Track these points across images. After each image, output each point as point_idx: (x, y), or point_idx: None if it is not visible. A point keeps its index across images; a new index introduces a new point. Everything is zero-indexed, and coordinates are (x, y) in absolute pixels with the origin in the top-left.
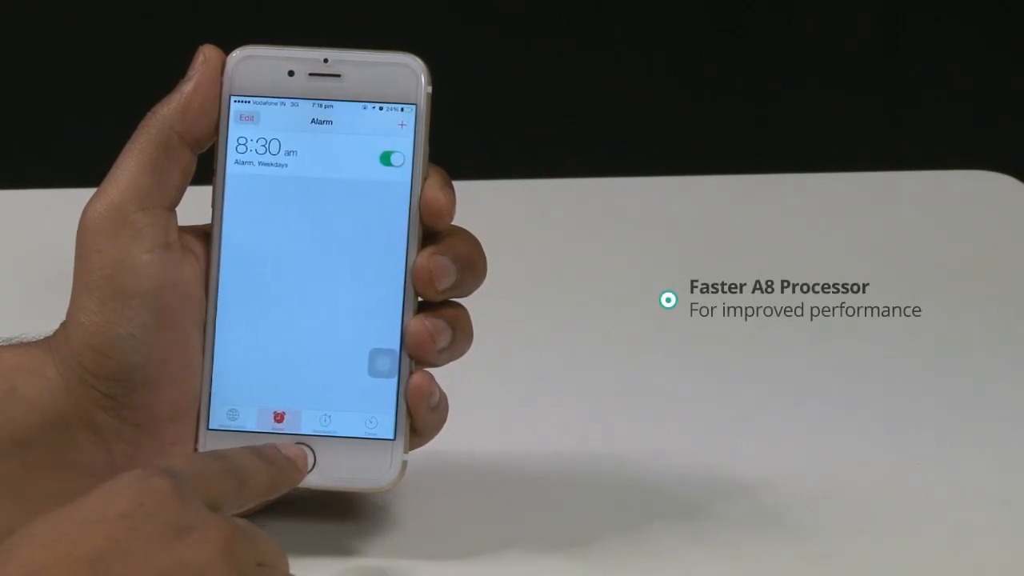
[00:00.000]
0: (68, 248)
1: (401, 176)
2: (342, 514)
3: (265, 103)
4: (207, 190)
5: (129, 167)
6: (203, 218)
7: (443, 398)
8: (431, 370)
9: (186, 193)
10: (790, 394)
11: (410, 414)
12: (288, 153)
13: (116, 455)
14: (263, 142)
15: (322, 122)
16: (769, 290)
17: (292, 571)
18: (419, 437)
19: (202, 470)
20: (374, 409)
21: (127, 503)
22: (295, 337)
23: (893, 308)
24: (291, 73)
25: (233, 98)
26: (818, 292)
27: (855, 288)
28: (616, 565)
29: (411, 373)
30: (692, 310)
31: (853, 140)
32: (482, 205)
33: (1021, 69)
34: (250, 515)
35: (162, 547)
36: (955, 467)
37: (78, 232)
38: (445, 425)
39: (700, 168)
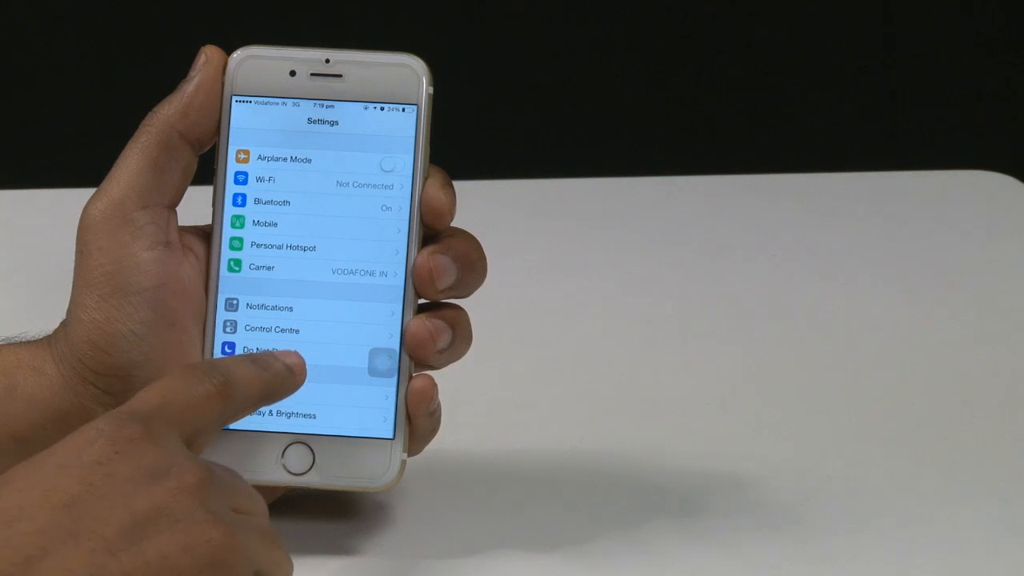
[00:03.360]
0: (68, 248)
1: (402, 176)
2: (342, 513)
3: (266, 103)
4: (207, 190)
5: (130, 165)
6: (203, 218)
7: (439, 408)
8: (436, 379)
9: (186, 193)
10: (790, 394)
11: (408, 416)
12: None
13: None
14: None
15: (323, 122)
16: (769, 291)
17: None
18: (411, 444)
19: (180, 402)
20: (374, 408)
21: (101, 450)
22: (296, 334)
23: (893, 308)
24: (292, 73)
25: (235, 98)
26: (817, 292)
27: (855, 289)
28: (616, 564)
29: (413, 375)
30: (692, 310)
31: (853, 140)
32: (482, 205)
33: (1021, 69)
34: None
35: (137, 491)
36: (955, 467)
37: (78, 229)
38: (444, 427)
39: (700, 168)
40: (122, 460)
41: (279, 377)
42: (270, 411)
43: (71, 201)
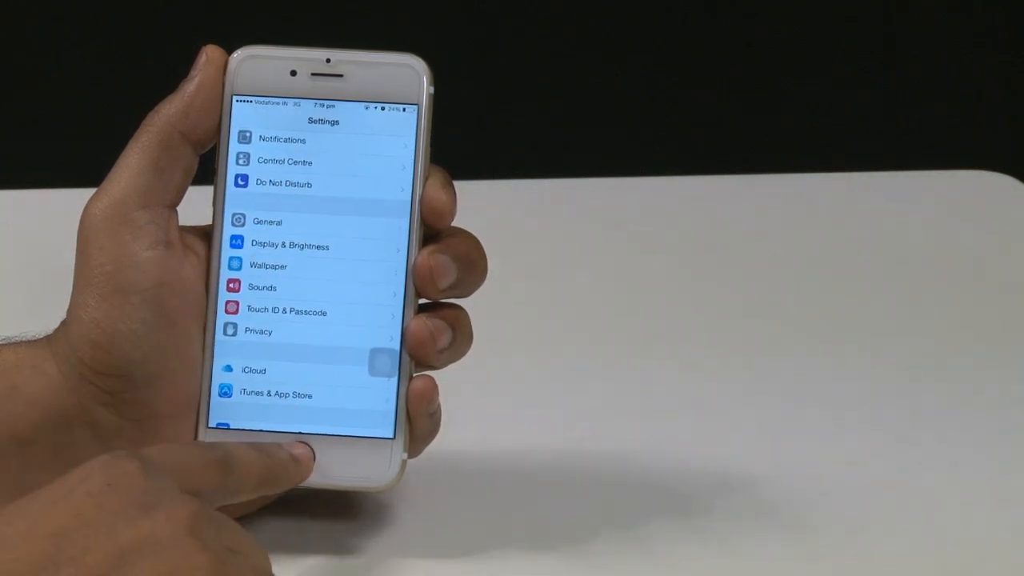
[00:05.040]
0: (69, 248)
1: (402, 176)
2: (342, 513)
3: (267, 103)
4: (208, 190)
5: (131, 165)
6: (204, 218)
7: (439, 408)
8: (436, 379)
9: (187, 193)
10: (790, 394)
11: (408, 416)
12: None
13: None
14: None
15: (324, 122)
16: (768, 291)
17: (294, 572)
18: (411, 444)
19: (180, 458)
20: (374, 408)
21: (95, 483)
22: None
23: (893, 308)
24: (293, 73)
25: (235, 98)
26: (818, 292)
27: (855, 289)
28: (616, 565)
29: (414, 376)
30: (692, 310)
31: (853, 140)
32: (482, 205)
33: (1021, 69)
34: (251, 514)
35: (126, 522)
36: (955, 467)
37: (79, 229)
38: (444, 427)
39: (700, 168)
40: (114, 492)
41: (281, 465)
42: (270, 411)
43: (71, 201)
